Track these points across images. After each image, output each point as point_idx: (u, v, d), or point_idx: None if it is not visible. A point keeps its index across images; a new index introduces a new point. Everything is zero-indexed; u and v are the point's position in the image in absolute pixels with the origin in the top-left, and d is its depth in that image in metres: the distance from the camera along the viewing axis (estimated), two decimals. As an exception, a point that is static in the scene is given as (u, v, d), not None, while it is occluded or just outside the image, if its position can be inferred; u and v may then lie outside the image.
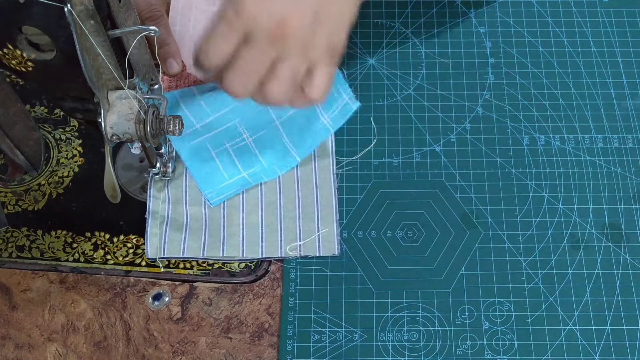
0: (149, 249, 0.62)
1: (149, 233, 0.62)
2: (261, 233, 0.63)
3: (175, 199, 0.64)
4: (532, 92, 0.70)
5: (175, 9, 0.71)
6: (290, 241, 0.63)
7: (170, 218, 0.63)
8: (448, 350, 0.60)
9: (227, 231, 0.63)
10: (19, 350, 0.60)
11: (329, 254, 0.62)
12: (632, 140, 0.68)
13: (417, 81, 0.71)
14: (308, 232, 0.63)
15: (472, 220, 0.64)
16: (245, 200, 0.64)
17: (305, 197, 0.64)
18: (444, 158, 0.67)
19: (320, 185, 0.65)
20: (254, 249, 0.62)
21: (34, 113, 0.69)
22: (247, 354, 0.60)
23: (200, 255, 0.62)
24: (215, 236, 0.62)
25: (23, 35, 0.46)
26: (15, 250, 0.63)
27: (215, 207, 0.64)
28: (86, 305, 0.62)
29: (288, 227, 0.63)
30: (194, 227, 0.63)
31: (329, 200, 0.64)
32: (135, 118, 0.51)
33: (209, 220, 0.63)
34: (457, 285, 0.62)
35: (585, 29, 0.73)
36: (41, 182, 0.66)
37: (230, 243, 0.62)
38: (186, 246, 0.62)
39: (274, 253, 0.62)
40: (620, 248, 0.63)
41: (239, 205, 0.64)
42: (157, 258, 0.62)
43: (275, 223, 0.63)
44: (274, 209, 0.64)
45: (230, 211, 0.64)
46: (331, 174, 0.65)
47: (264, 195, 0.65)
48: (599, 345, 0.60)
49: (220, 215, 0.63)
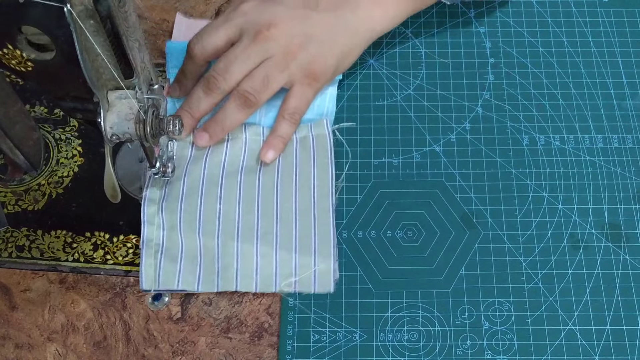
0: (144, 281, 0.61)
1: (143, 264, 0.61)
2: (256, 265, 0.61)
3: (170, 225, 0.62)
4: (532, 92, 0.70)
5: (179, 29, 0.71)
6: (286, 276, 0.61)
7: (165, 247, 0.61)
8: (448, 350, 0.60)
9: (221, 262, 0.61)
10: (19, 350, 0.60)
11: (324, 291, 0.60)
12: (632, 140, 0.68)
13: (417, 81, 0.71)
14: (304, 267, 0.61)
15: (472, 220, 0.64)
16: (241, 228, 0.62)
17: (303, 228, 0.62)
18: (444, 158, 0.67)
19: (319, 216, 0.63)
20: (248, 283, 0.61)
21: (34, 113, 0.69)
22: (247, 354, 0.60)
23: (195, 290, 0.61)
24: (210, 267, 0.61)
25: (23, 35, 0.46)
26: (15, 250, 0.63)
27: (209, 236, 0.62)
28: (86, 305, 0.62)
29: (284, 260, 0.61)
30: (189, 256, 0.61)
31: (326, 232, 0.62)
32: (135, 118, 0.51)
33: (203, 249, 0.61)
34: (457, 285, 0.62)
35: (585, 29, 0.73)
36: (41, 182, 0.66)
37: (225, 276, 0.61)
38: (181, 279, 0.61)
39: (269, 288, 0.61)
40: (620, 248, 0.63)
41: (234, 234, 0.62)
42: (151, 290, 0.61)
43: (271, 254, 0.61)
44: (271, 239, 0.62)
45: (224, 241, 0.61)
46: (330, 204, 0.63)
47: (260, 224, 0.62)
48: (599, 345, 0.60)
49: (215, 244, 0.61)
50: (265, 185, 0.64)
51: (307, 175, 0.64)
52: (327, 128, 0.66)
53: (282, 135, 0.64)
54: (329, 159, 0.64)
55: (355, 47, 0.65)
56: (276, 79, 0.62)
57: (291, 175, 0.64)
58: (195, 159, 0.65)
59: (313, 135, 0.66)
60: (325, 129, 0.66)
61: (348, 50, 0.64)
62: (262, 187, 0.64)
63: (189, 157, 0.65)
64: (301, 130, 0.66)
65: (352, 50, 0.65)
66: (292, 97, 0.64)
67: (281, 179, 0.64)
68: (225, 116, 0.63)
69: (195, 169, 0.64)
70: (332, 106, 0.67)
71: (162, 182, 0.64)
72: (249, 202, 0.63)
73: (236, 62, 0.62)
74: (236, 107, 0.63)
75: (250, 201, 0.63)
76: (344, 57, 0.64)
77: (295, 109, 0.64)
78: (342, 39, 0.64)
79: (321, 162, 0.64)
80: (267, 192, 0.63)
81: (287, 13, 0.63)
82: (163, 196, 0.63)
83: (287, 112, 0.64)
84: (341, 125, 0.67)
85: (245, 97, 0.62)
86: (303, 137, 0.66)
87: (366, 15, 0.64)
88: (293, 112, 0.64)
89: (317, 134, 0.66)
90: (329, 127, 0.66)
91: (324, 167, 0.64)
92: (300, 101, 0.64)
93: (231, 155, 0.65)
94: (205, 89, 0.62)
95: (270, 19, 0.62)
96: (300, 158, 0.65)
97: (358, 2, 0.64)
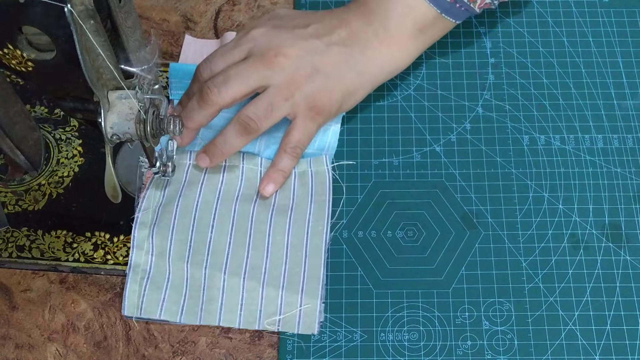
0: (126, 306, 0.60)
1: (127, 290, 0.60)
2: (241, 300, 0.60)
3: (159, 252, 0.61)
4: (532, 92, 0.70)
5: (186, 54, 0.70)
6: (270, 314, 0.59)
7: (151, 274, 0.61)
8: (448, 350, 0.60)
9: (206, 294, 0.60)
10: (19, 350, 0.60)
11: (308, 332, 0.59)
12: (632, 140, 0.68)
13: (418, 81, 0.71)
14: (289, 305, 0.60)
15: (472, 220, 0.64)
16: (230, 260, 0.61)
17: (293, 265, 0.61)
18: (444, 158, 0.67)
19: (310, 253, 0.61)
20: (231, 318, 0.60)
21: (34, 113, 0.69)
22: (247, 354, 0.60)
23: (177, 321, 0.60)
24: (195, 299, 0.60)
25: (23, 35, 0.46)
26: (15, 250, 0.63)
27: (197, 266, 0.60)
28: (86, 305, 0.62)
29: (270, 297, 0.60)
30: (175, 285, 0.60)
31: (316, 272, 0.61)
32: (135, 118, 0.51)
33: (190, 279, 0.60)
34: (457, 285, 0.62)
35: (585, 29, 0.73)
36: (41, 182, 0.66)
37: (208, 309, 0.60)
38: (164, 308, 0.60)
39: (252, 325, 0.60)
40: (620, 248, 0.63)
41: (222, 266, 0.61)
42: (133, 317, 0.60)
43: (258, 290, 0.60)
44: (259, 273, 0.61)
45: (211, 272, 0.60)
46: (323, 243, 0.62)
47: (250, 257, 0.61)
48: (599, 345, 0.60)
49: (202, 275, 0.60)
50: (259, 217, 0.63)
51: (303, 210, 0.63)
52: (326, 164, 0.65)
53: (283, 169, 0.63)
54: (327, 196, 0.64)
55: (361, 88, 0.64)
56: (280, 108, 0.61)
57: (286, 209, 0.63)
58: (190, 183, 0.64)
59: (312, 171, 0.65)
60: (325, 166, 0.65)
61: (354, 89, 0.64)
62: (256, 219, 0.63)
63: (183, 181, 0.64)
64: (300, 165, 0.65)
65: (357, 89, 0.64)
66: (294, 130, 0.63)
67: (276, 212, 0.63)
68: (224, 141, 0.62)
69: (190, 194, 0.63)
70: (334, 142, 0.66)
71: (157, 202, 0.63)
72: (241, 233, 0.62)
73: (235, 79, 0.60)
74: (236, 133, 0.61)
75: (243, 232, 0.62)
76: (349, 95, 0.63)
77: (298, 142, 0.63)
78: (349, 76, 0.63)
79: (319, 198, 0.64)
80: (260, 223, 0.62)
81: (297, 43, 0.62)
82: (155, 219, 0.62)
83: (289, 146, 0.63)
84: (341, 163, 0.66)
85: (246, 124, 0.61)
86: (302, 172, 0.65)
87: (375, 56, 0.63)
88: (295, 146, 0.63)
89: (316, 170, 0.65)
90: (328, 163, 0.65)
91: (321, 204, 0.63)
92: (303, 135, 0.63)
93: (227, 183, 0.64)
94: (199, 99, 0.61)
95: (279, 47, 0.61)
96: (297, 193, 0.64)
97: (368, 42, 0.63)
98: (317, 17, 0.65)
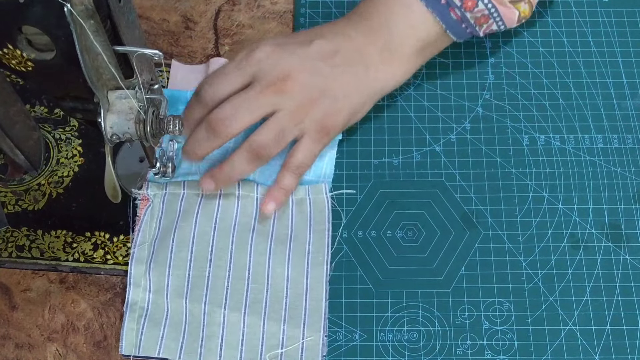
0: (124, 345, 0.59)
1: (125, 328, 0.59)
2: (242, 335, 0.59)
3: (156, 288, 0.60)
4: (532, 92, 0.70)
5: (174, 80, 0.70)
6: (272, 347, 0.59)
7: (149, 311, 0.60)
8: (448, 350, 0.60)
9: (206, 331, 0.59)
10: (19, 350, 0.60)
11: None
12: (632, 140, 0.68)
13: (417, 81, 0.71)
14: (292, 339, 0.59)
15: (472, 220, 0.64)
16: (229, 295, 0.60)
17: (294, 298, 0.60)
18: (444, 158, 0.67)
19: (311, 285, 0.60)
20: (232, 354, 0.59)
21: (34, 113, 0.69)
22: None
23: (177, 358, 0.59)
24: (194, 335, 0.59)
25: (23, 35, 0.46)
26: (15, 250, 0.63)
27: (196, 302, 0.59)
28: (86, 305, 0.62)
29: (271, 331, 0.59)
30: (174, 322, 0.59)
31: (318, 304, 0.60)
32: (135, 118, 0.51)
33: (189, 316, 0.59)
34: (457, 285, 0.62)
35: (585, 29, 0.73)
36: (41, 182, 0.66)
37: (208, 346, 0.59)
38: (163, 345, 0.59)
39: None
40: (620, 248, 0.63)
41: (221, 302, 0.60)
42: (131, 356, 0.59)
43: (259, 324, 0.59)
44: (259, 307, 0.60)
45: (211, 308, 0.59)
46: (324, 274, 0.61)
47: (250, 291, 0.60)
48: (599, 345, 0.60)
49: (201, 311, 0.60)
50: (258, 248, 0.62)
51: (303, 240, 0.62)
52: (325, 193, 0.64)
53: (285, 188, 0.62)
54: (326, 226, 0.63)
55: (365, 105, 0.64)
56: (291, 133, 0.61)
57: (285, 239, 0.62)
58: (185, 213, 0.63)
59: (310, 198, 0.64)
60: (324, 194, 0.64)
61: (359, 107, 0.63)
62: (254, 249, 0.62)
63: (178, 211, 0.63)
64: (298, 192, 0.64)
65: (362, 107, 0.64)
66: (299, 151, 0.62)
67: (275, 242, 0.62)
68: (232, 167, 0.61)
69: (185, 225, 0.62)
70: (331, 169, 0.66)
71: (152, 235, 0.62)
72: (240, 266, 0.61)
73: (246, 109, 0.59)
74: (246, 160, 0.60)
75: (242, 265, 0.61)
76: (354, 114, 0.63)
77: (302, 163, 0.62)
78: (355, 95, 0.63)
79: (318, 228, 0.63)
80: (260, 255, 0.61)
81: (302, 65, 0.60)
82: (151, 254, 0.61)
83: (293, 165, 0.62)
84: (340, 192, 0.65)
85: (257, 151, 0.60)
86: (300, 199, 0.64)
87: (379, 75, 0.63)
88: (299, 166, 0.62)
89: (315, 199, 0.64)
90: (327, 191, 0.64)
91: (320, 233, 0.63)
92: (307, 155, 0.62)
93: (223, 211, 0.63)
94: (209, 131, 0.59)
95: (285, 71, 0.60)
96: (296, 221, 0.63)
97: (370, 60, 0.63)
98: (320, 32, 0.64)
